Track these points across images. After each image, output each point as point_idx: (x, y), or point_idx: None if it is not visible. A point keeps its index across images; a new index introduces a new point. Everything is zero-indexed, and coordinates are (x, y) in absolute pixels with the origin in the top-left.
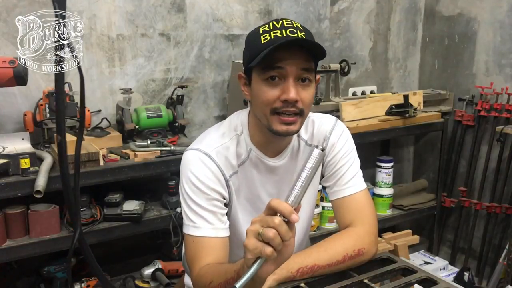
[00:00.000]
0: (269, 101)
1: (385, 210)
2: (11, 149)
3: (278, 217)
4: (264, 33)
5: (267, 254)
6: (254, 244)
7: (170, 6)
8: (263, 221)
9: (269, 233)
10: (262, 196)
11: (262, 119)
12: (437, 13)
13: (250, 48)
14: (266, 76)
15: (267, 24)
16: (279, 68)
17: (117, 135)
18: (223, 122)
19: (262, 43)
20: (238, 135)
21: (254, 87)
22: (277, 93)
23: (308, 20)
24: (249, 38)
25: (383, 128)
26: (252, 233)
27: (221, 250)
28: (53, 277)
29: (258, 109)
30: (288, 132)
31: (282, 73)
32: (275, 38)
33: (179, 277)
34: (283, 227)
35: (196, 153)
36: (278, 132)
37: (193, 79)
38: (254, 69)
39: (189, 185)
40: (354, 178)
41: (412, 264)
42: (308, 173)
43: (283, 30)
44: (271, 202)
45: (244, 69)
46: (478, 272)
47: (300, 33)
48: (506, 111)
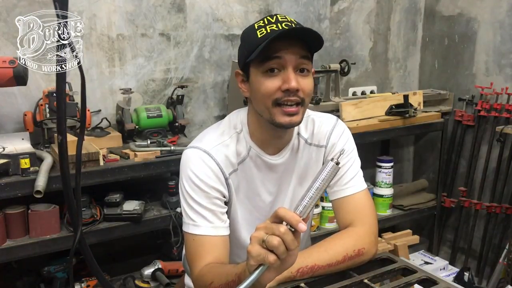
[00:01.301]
0: (270, 92)
1: (385, 210)
2: (11, 149)
3: (283, 226)
4: (259, 28)
5: (270, 262)
6: (257, 251)
7: (170, 6)
8: (268, 228)
9: (274, 241)
10: (261, 194)
11: (264, 113)
12: (437, 13)
13: (246, 43)
14: (265, 68)
15: (262, 20)
16: (278, 58)
17: (117, 135)
18: (222, 121)
19: (259, 37)
20: (238, 133)
21: (253, 81)
22: (278, 83)
23: (308, 20)
24: (244, 35)
25: (383, 128)
26: (256, 240)
27: (221, 249)
28: (53, 277)
29: (259, 103)
30: (291, 124)
31: (281, 63)
32: (271, 32)
33: (179, 277)
34: (288, 236)
35: (196, 151)
36: (281, 124)
37: (193, 79)
38: (252, 64)
39: (189, 183)
40: (355, 178)
41: (412, 264)
42: (320, 185)
43: (278, 24)
44: (279, 210)
45: (241, 66)
46: (478, 272)
47: (294, 26)
48: (506, 111)
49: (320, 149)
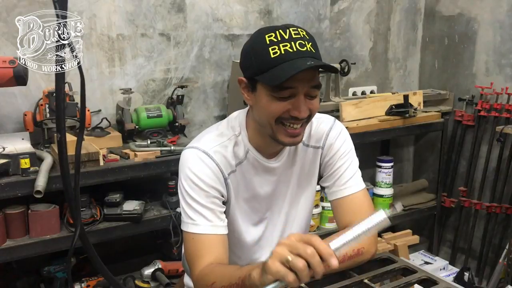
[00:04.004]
0: (277, 114)
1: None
2: (11, 149)
3: (311, 247)
4: (272, 45)
5: (289, 281)
6: (277, 268)
7: (170, 6)
8: (292, 247)
9: (299, 263)
10: (259, 195)
11: (266, 128)
12: (437, 13)
13: (257, 58)
14: (277, 95)
15: (273, 32)
16: (291, 88)
17: (117, 135)
18: (221, 122)
19: (272, 57)
20: (236, 135)
21: (260, 98)
22: (287, 107)
23: (308, 20)
24: (254, 45)
25: (383, 128)
26: (278, 256)
27: (220, 248)
28: (53, 277)
29: (263, 118)
30: (293, 143)
31: (293, 92)
32: (286, 53)
33: (179, 277)
34: (315, 259)
35: (195, 151)
36: (283, 143)
37: (193, 79)
38: (261, 82)
39: (188, 182)
40: (353, 178)
41: (412, 264)
42: (363, 231)
43: (292, 42)
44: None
45: (247, 77)
46: (478, 272)
47: (308, 45)
48: (506, 111)
49: (317, 150)
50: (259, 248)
